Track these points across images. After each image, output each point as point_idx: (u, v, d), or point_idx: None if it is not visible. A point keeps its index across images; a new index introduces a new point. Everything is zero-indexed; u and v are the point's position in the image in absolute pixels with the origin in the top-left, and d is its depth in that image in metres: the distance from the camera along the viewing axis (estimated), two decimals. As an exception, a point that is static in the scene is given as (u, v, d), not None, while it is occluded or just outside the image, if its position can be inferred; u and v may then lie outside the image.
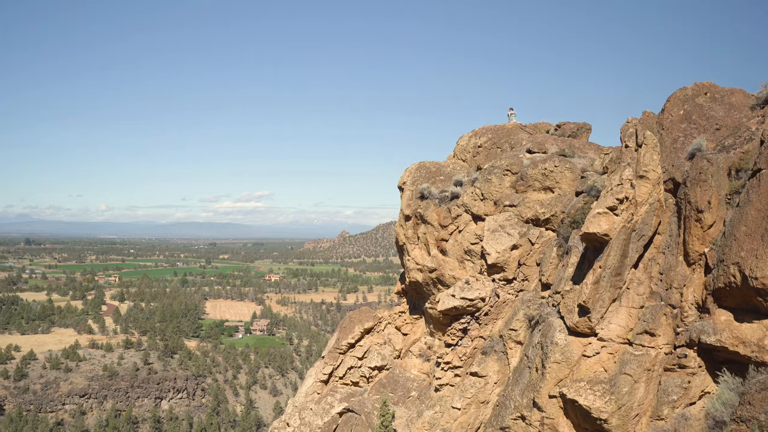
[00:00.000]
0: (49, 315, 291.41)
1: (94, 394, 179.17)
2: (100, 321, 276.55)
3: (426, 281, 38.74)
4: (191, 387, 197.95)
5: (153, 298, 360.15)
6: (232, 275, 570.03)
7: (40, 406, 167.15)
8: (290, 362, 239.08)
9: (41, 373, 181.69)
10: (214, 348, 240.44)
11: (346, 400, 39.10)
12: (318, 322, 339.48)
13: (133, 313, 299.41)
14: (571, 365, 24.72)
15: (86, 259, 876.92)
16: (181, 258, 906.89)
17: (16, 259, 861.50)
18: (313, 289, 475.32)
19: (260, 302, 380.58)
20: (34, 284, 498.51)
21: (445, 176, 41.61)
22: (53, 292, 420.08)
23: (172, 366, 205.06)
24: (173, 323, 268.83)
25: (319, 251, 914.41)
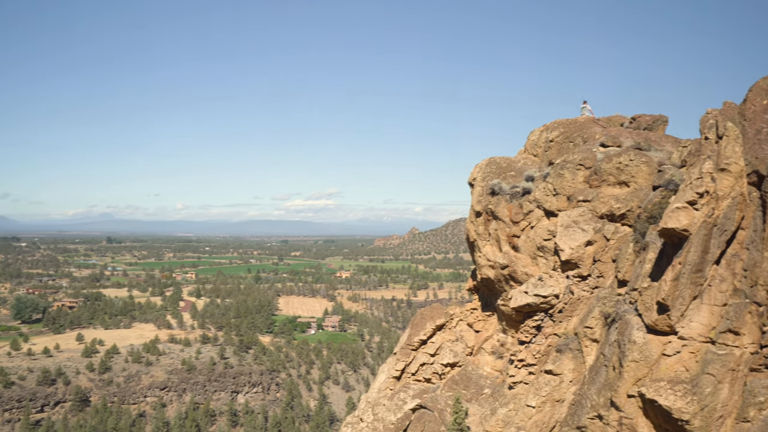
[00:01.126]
0: (130, 311, 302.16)
1: (173, 387, 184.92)
2: (178, 316, 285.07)
3: (498, 278, 38.41)
4: (266, 381, 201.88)
5: (228, 295, 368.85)
6: (304, 272, 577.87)
7: (123, 398, 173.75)
8: (362, 358, 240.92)
9: (124, 366, 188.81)
10: (287, 343, 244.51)
11: (418, 397, 39.16)
12: (389, 318, 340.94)
13: (210, 309, 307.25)
14: (650, 364, 24.09)
15: (164, 257, 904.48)
16: (255, 255, 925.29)
17: (99, 257, 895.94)
18: (383, 285, 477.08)
19: (331, 299, 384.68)
20: (116, 281, 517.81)
21: (516, 172, 41.11)
22: (134, 289, 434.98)
23: (247, 361, 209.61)
24: (248, 319, 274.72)
25: (389, 248, 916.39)
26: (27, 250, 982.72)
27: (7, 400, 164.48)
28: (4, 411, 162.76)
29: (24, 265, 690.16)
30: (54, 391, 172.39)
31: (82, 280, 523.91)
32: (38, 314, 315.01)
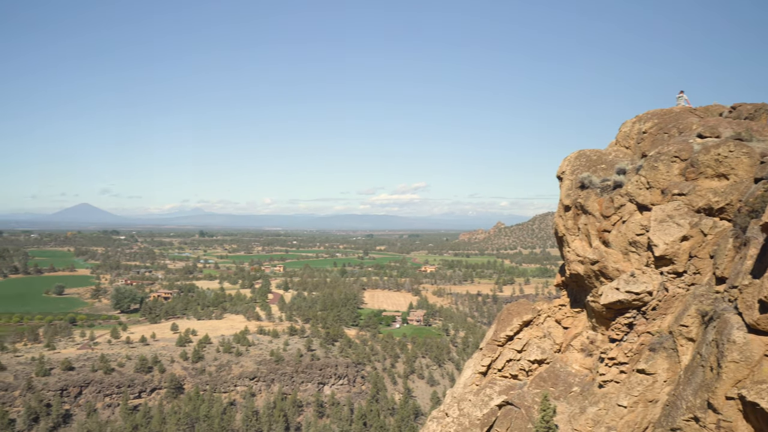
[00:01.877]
0: (221, 302, 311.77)
1: (262, 378, 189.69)
2: (267, 309, 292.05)
3: (587, 273, 37.46)
4: (351, 374, 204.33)
5: (314, 288, 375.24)
6: (389, 266, 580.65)
7: (215, 387, 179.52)
8: (447, 353, 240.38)
9: (215, 356, 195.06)
10: (372, 337, 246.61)
11: (505, 393, 38.71)
12: (474, 313, 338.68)
13: (297, 302, 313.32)
14: (751, 365, 22.92)
15: (253, 250, 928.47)
16: (340, 249, 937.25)
17: (192, 250, 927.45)
18: (468, 280, 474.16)
19: (416, 293, 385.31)
20: (208, 273, 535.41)
21: (607, 164, 39.93)
22: (224, 281, 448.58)
23: (333, 353, 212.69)
24: (334, 312, 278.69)
25: (474, 242, 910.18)
26: (126, 243, 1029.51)
27: (107, 386, 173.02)
28: (105, 396, 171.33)
29: (123, 257, 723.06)
30: (150, 378, 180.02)
31: (177, 272, 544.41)
32: (136, 304, 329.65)
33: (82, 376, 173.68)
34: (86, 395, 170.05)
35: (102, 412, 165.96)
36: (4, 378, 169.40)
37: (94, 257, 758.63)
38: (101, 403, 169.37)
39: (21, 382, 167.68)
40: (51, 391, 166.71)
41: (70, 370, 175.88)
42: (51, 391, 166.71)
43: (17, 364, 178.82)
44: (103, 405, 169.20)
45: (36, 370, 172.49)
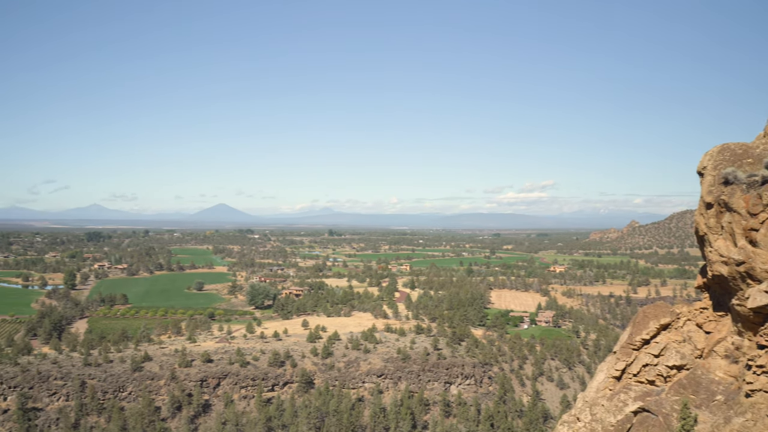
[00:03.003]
0: (349, 300, 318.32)
1: (389, 375, 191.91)
2: (394, 307, 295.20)
3: (732, 275, 35.03)
4: (478, 374, 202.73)
5: (441, 287, 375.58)
6: (516, 266, 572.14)
7: (343, 383, 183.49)
8: (577, 355, 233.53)
9: (344, 352, 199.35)
10: (499, 337, 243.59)
11: (640, 399, 36.94)
12: (606, 315, 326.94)
13: (423, 301, 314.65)
14: None
15: (380, 249, 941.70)
16: (467, 248, 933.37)
17: (322, 249, 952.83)
18: (600, 281, 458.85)
19: (545, 293, 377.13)
20: (337, 271, 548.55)
21: (754, 158, 37.16)
22: (353, 279, 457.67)
23: (459, 353, 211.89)
24: (460, 311, 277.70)
25: (606, 242, 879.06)
26: (259, 242, 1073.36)
27: (243, 378, 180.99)
28: (241, 388, 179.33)
29: (257, 255, 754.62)
30: (283, 372, 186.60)
31: (307, 270, 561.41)
32: (269, 301, 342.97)
33: (220, 368, 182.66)
34: (224, 386, 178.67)
35: (238, 403, 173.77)
36: (150, 368, 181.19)
37: (230, 255, 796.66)
38: (237, 394, 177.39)
39: (165, 372, 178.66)
40: (192, 381, 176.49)
41: (209, 362, 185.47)
42: (192, 381, 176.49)
43: (162, 355, 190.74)
44: (240, 396, 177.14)
45: (179, 361, 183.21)
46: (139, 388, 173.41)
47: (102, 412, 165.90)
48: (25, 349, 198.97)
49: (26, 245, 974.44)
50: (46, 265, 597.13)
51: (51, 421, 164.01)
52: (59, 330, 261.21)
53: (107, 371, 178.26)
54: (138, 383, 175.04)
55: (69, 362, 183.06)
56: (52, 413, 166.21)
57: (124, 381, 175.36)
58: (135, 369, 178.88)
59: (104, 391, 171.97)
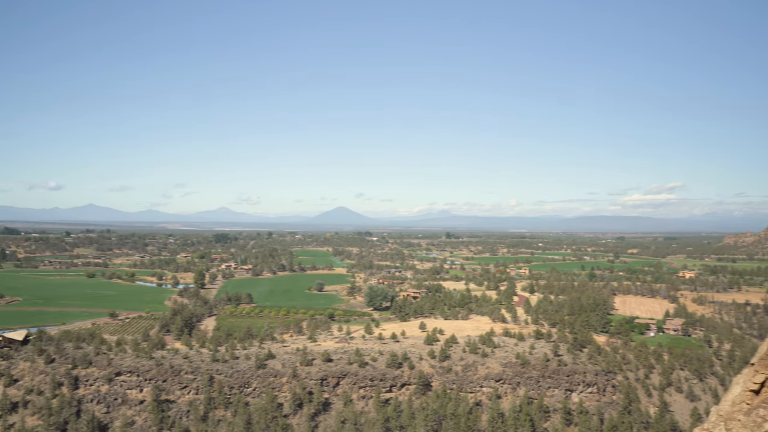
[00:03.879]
0: (467, 303, 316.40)
1: (507, 380, 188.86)
2: (512, 311, 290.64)
3: None
4: (601, 382, 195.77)
5: (561, 291, 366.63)
6: (642, 271, 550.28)
7: (461, 386, 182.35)
8: (709, 366, 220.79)
9: (461, 355, 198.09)
10: (624, 345, 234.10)
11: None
12: (741, 324, 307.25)
13: (543, 305, 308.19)
14: None
15: (498, 252, 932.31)
16: (588, 252, 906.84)
17: (439, 251, 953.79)
18: (734, 288, 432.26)
19: (673, 300, 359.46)
20: (454, 274, 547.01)
21: None
22: (470, 282, 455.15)
23: (581, 359, 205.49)
24: (582, 317, 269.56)
25: (741, 246, 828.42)
26: (377, 244, 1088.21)
27: (362, 379, 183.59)
28: (359, 388, 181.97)
29: (375, 257, 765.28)
30: (400, 373, 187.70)
31: (424, 272, 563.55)
32: (387, 303, 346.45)
33: (339, 368, 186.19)
34: (343, 386, 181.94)
35: (357, 403, 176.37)
36: (273, 365, 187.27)
37: (349, 257, 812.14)
38: (356, 394, 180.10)
39: (288, 370, 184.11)
40: (313, 380, 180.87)
41: (329, 361, 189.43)
42: (313, 380, 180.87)
43: (285, 353, 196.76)
44: (358, 396, 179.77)
45: (300, 359, 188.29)
46: (262, 384, 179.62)
47: (228, 406, 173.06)
48: (159, 344, 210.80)
49: (160, 246, 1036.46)
50: (177, 265, 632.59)
51: (182, 413, 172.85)
52: (190, 327, 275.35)
53: (233, 367, 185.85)
54: (262, 380, 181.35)
55: (199, 358, 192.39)
56: (183, 405, 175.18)
57: (249, 377, 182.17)
58: (259, 366, 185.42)
59: (231, 386, 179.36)
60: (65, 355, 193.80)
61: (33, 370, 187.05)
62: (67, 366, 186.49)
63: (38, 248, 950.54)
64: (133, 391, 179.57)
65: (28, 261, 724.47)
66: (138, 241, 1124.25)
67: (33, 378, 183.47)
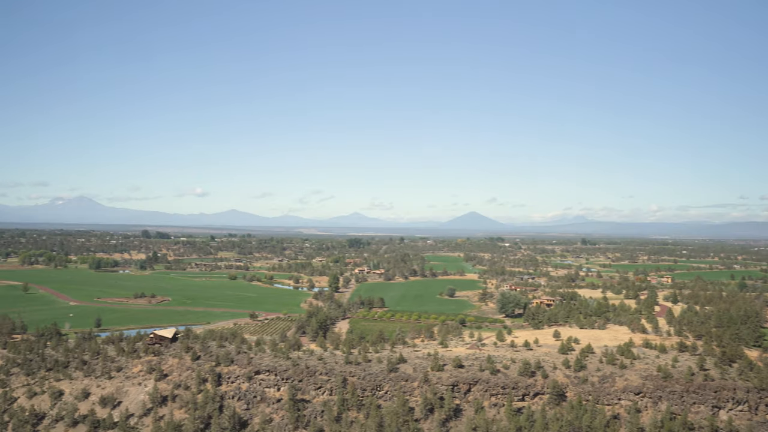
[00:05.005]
0: (604, 312, 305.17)
1: (648, 394, 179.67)
2: (653, 321, 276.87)
3: None
4: (753, 400, 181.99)
5: (708, 302, 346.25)
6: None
7: (597, 398, 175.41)
8: None
9: (598, 366, 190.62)
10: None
11: None
12: None
13: (687, 316, 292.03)
14: None
15: (638, 260, 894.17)
16: (738, 260, 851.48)
17: (574, 258, 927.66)
18: None
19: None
20: (590, 282, 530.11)
21: None
22: (607, 290, 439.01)
23: (730, 375, 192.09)
24: (731, 329, 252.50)
25: None
26: (510, 250, 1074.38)
27: (493, 386, 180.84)
28: (491, 395, 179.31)
29: (507, 263, 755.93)
30: (533, 382, 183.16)
31: (558, 279, 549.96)
32: (519, 309, 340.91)
33: (470, 374, 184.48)
34: (474, 393, 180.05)
35: (488, 411, 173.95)
36: (405, 369, 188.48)
37: (481, 263, 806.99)
38: (487, 401, 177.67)
39: (419, 374, 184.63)
40: (443, 385, 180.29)
41: (460, 367, 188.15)
42: (443, 385, 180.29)
43: (416, 357, 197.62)
44: (490, 404, 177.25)
45: (431, 364, 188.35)
46: (394, 388, 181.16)
47: (361, 408, 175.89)
48: (296, 345, 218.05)
49: (297, 250, 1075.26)
50: (313, 269, 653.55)
51: (317, 412, 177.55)
52: (324, 329, 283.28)
53: (366, 370, 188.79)
54: (393, 383, 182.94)
55: (333, 359, 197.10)
56: (317, 405, 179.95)
57: (381, 380, 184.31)
58: (391, 370, 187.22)
59: (363, 388, 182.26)
60: (209, 353, 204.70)
61: (180, 366, 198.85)
62: (211, 363, 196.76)
63: (186, 251, 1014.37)
64: (271, 389, 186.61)
65: (177, 263, 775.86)
66: (276, 245, 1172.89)
67: (180, 374, 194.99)
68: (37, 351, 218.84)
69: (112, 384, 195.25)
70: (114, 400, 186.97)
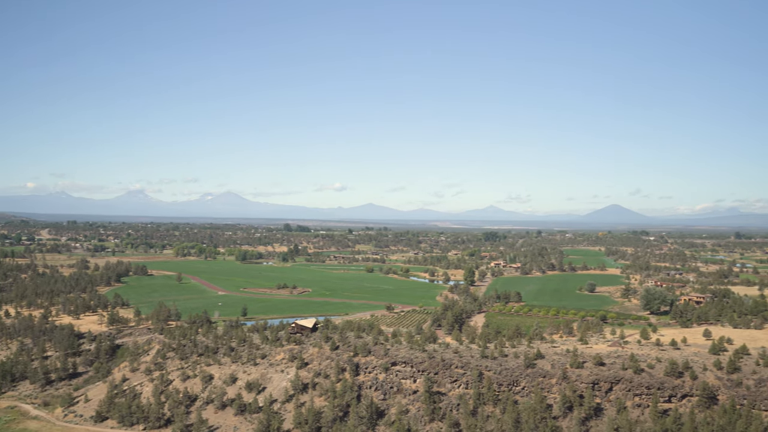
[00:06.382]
0: (761, 311, 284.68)
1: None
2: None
3: None
4: None
5: None
6: None
7: (753, 403, 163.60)
8: None
9: (754, 368, 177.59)
10: None
11: None
12: None
13: None
14: None
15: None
16: None
17: (727, 253, 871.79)
18: None
19: None
20: (745, 278, 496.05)
21: None
22: (765, 288, 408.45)
23: None
24: None
25: None
26: (655, 244, 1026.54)
27: (636, 386, 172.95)
28: (634, 395, 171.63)
29: (652, 258, 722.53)
30: (681, 383, 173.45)
31: (709, 275, 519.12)
32: (665, 306, 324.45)
33: (612, 373, 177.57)
34: (616, 391, 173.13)
35: (631, 411, 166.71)
36: (542, 365, 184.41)
37: (623, 257, 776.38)
38: (630, 402, 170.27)
39: (557, 371, 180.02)
40: (583, 383, 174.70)
41: (601, 365, 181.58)
42: (583, 383, 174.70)
43: (554, 354, 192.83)
44: (633, 404, 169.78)
45: (570, 361, 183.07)
46: (531, 384, 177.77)
47: (497, 403, 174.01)
48: (431, 337, 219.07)
49: (432, 244, 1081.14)
50: (448, 262, 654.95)
51: (452, 405, 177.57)
52: (460, 322, 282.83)
53: (502, 365, 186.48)
54: (530, 379, 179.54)
55: (468, 353, 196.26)
56: (453, 398, 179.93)
57: (518, 376, 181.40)
58: (528, 365, 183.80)
59: (499, 383, 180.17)
60: (347, 343, 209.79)
61: (320, 355, 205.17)
62: (349, 353, 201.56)
63: (325, 244, 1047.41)
64: (407, 381, 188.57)
65: (317, 256, 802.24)
66: (412, 238, 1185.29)
67: (320, 362, 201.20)
68: (189, 337, 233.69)
69: (257, 370, 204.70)
70: (259, 385, 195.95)
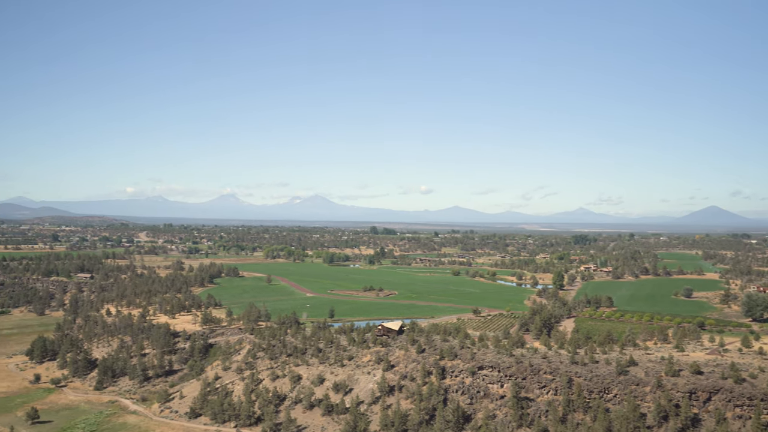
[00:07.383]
0: None
1: None
2: None
3: None
4: None
5: None
6: None
7: None
8: None
9: None
10: None
11: None
12: None
13: None
14: None
15: None
16: None
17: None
18: None
19: None
20: None
21: None
22: None
23: None
24: None
25: None
26: (757, 247, 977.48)
27: (737, 396, 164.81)
28: (735, 406, 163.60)
29: (754, 262, 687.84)
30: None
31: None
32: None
33: (710, 382, 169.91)
34: (715, 402, 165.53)
35: (732, 423, 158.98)
36: (635, 373, 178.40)
37: (722, 261, 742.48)
38: (731, 413, 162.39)
39: (651, 379, 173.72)
40: (679, 392, 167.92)
41: (699, 374, 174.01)
42: (679, 392, 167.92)
43: (648, 361, 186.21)
44: (733, 415, 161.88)
45: (665, 369, 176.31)
46: (623, 391, 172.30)
47: (588, 410, 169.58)
48: (519, 342, 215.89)
49: (519, 247, 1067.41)
50: (536, 266, 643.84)
51: (541, 411, 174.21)
52: (548, 327, 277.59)
53: (593, 371, 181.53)
54: (623, 387, 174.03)
55: (557, 358, 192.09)
56: (542, 404, 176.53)
57: (609, 383, 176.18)
58: (620, 372, 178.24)
59: (590, 390, 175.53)
60: (434, 346, 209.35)
61: (406, 357, 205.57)
62: (435, 356, 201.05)
63: (411, 247, 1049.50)
64: (494, 385, 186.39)
65: (403, 258, 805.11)
66: (499, 241, 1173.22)
67: (406, 365, 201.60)
68: (279, 338, 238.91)
69: (344, 371, 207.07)
70: (346, 386, 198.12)
